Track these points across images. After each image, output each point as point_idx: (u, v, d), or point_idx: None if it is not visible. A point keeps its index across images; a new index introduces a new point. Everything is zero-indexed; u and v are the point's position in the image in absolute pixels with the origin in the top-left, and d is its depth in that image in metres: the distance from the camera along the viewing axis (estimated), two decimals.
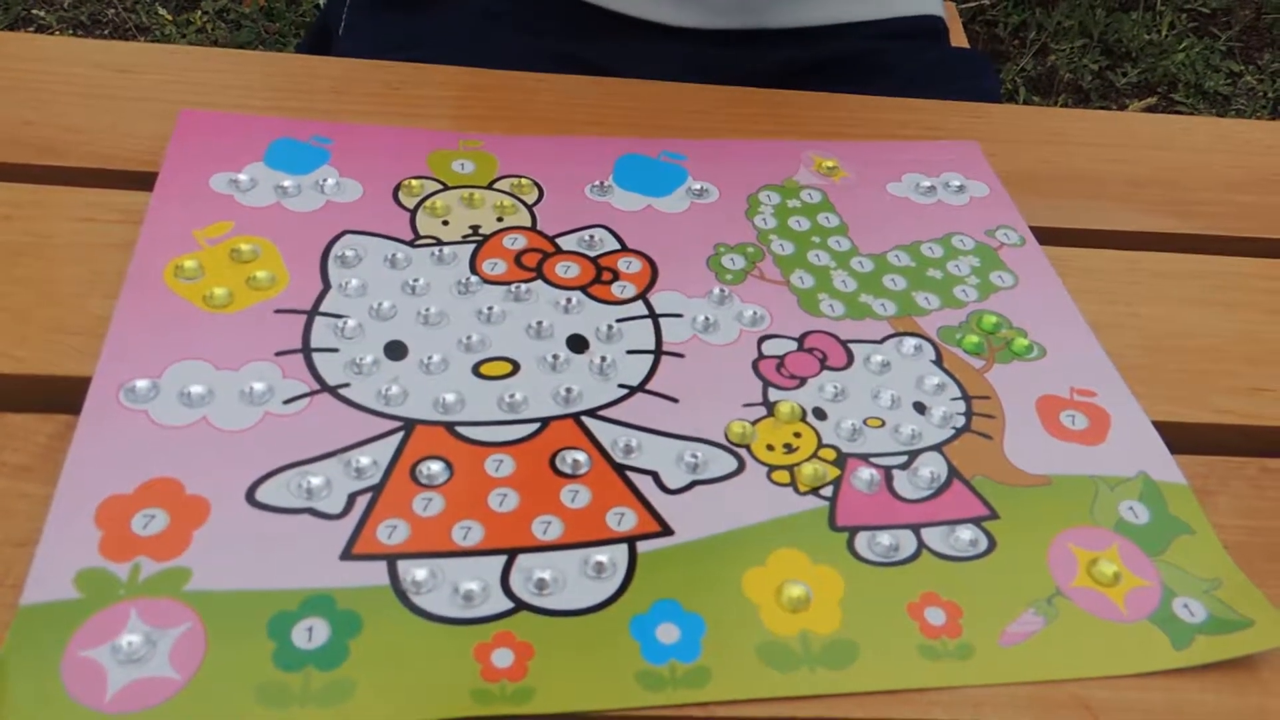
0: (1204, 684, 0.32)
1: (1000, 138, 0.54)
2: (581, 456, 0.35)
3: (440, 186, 0.45)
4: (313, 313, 0.39)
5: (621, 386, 0.38)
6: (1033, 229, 0.48)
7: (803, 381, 0.39)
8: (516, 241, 0.43)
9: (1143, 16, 2.04)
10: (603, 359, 0.39)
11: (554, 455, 0.35)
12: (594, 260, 0.43)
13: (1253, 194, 0.53)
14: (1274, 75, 1.97)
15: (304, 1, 1.82)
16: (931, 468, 0.37)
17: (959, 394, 0.40)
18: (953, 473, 0.37)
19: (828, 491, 0.36)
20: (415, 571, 0.32)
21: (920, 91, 0.56)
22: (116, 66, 0.49)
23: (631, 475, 0.35)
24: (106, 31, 1.74)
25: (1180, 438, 0.39)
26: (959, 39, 0.87)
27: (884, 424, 0.38)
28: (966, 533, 0.35)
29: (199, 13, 1.78)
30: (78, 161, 0.44)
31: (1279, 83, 1.95)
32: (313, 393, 0.36)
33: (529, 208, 0.45)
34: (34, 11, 1.75)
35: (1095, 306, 0.45)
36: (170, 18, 1.76)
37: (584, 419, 0.37)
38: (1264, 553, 0.36)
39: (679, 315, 0.41)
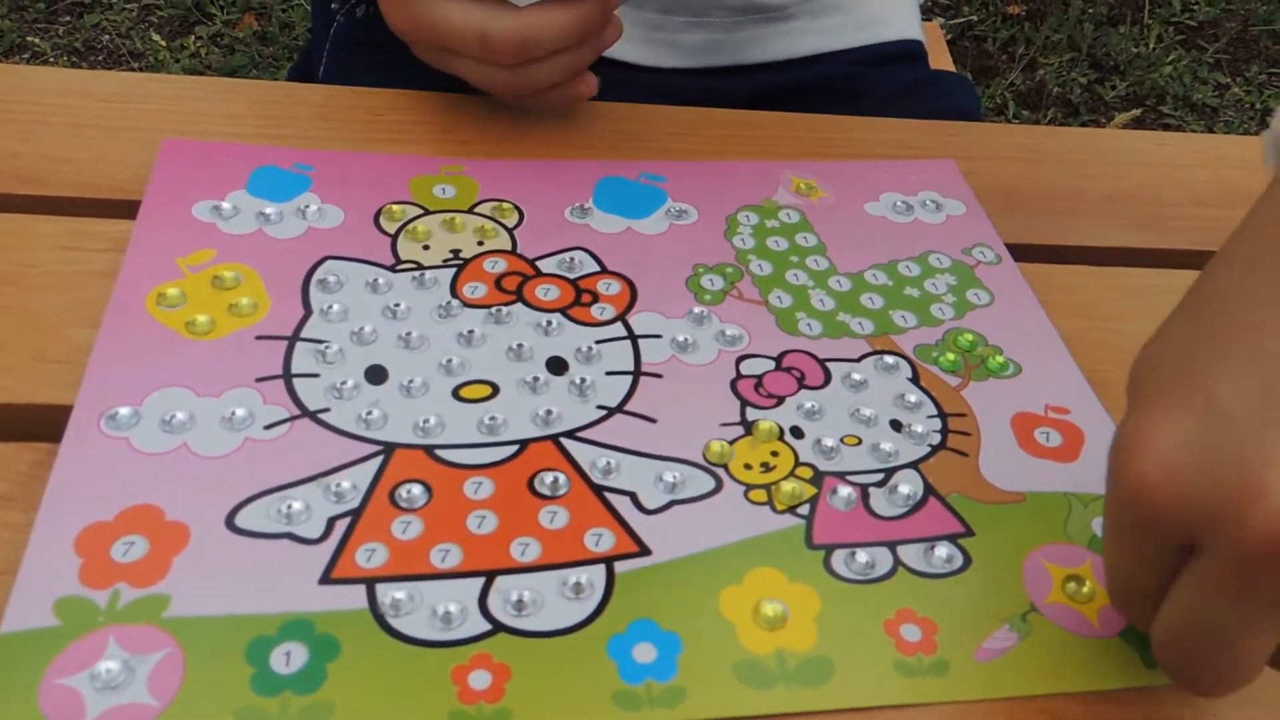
0: (1176, 694, 0.33)
1: (976, 155, 0.54)
2: (560, 478, 0.36)
3: (421, 211, 0.45)
4: (294, 338, 0.39)
5: (600, 408, 0.39)
6: (1009, 245, 0.48)
7: (780, 400, 0.40)
8: (497, 265, 0.44)
9: (1130, 30, 2.06)
10: (582, 380, 0.39)
11: (533, 477, 0.36)
12: (574, 282, 0.43)
13: (1228, 208, 0.54)
14: (1261, 87, 1.99)
15: (297, 26, 1.83)
16: (908, 485, 0.37)
17: (935, 412, 0.40)
18: (929, 490, 0.37)
19: (805, 510, 0.36)
20: (393, 594, 0.32)
21: (899, 113, 0.57)
22: (102, 96, 0.49)
23: (610, 496, 0.36)
24: (101, 57, 1.75)
25: None
26: (942, 60, 0.88)
27: (861, 442, 0.39)
28: (942, 550, 0.35)
29: (193, 38, 1.79)
30: (62, 191, 0.44)
31: (1266, 94, 1.96)
32: (293, 418, 0.36)
33: (509, 231, 0.45)
34: (29, 39, 1.76)
35: (1072, 322, 0.45)
36: (164, 43, 1.78)
37: (563, 440, 0.37)
38: None
39: (658, 336, 0.42)
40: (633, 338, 0.41)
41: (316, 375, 0.38)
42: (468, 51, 0.46)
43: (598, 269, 0.44)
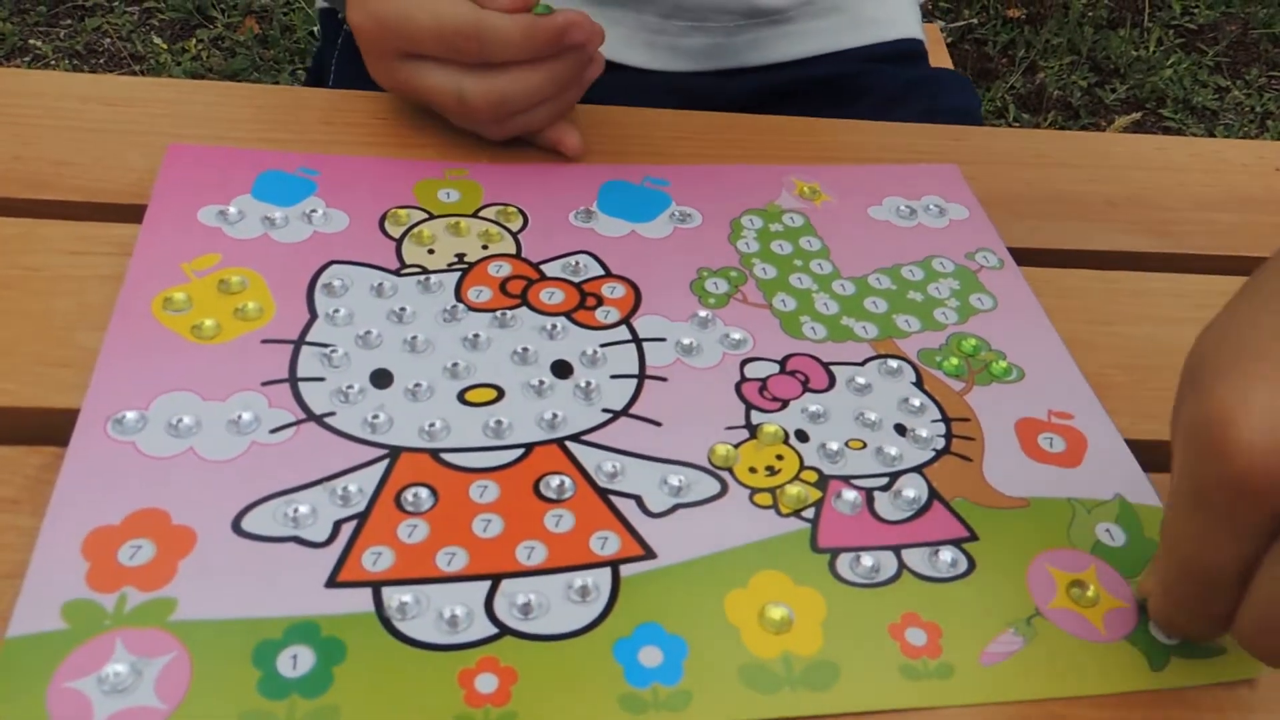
0: (1182, 700, 0.33)
1: (979, 159, 0.54)
2: (566, 481, 0.36)
3: (426, 215, 0.46)
4: (299, 342, 0.39)
5: (605, 411, 0.39)
6: (1012, 249, 0.49)
7: (785, 404, 0.40)
8: (501, 269, 0.44)
9: (1131, 33, 2.06)
10: (587, 384, 0.39)
11: (538, 480, 0.36)
12: (578, 286, 0.43)
13: (1229, 212, 0.54)
14: (1261, 90, 1.99)
15: (298, 29, 1.83)
16: (912, 489, 0.37)
17: (939, 416, 0.40)
18: (933, 494, 0.37)
19: (810, 513, 0.36)
20: (400, 598, 0.32)
21: (900, 110, 0.57)
22: (105, 100, 0.49)
23: (615, 499, 0.36)
24: (102, 61, 1.75)
25: (1160, 456, 0.40)
26: (942, 63, 0.88)
27: (865, 446, 0.39)
28: (947, 554, 0.35)
29: (194, 41, 1.79)
30: (66, 195, 0.44)
31: (1266, 97, 1.97)
32: (299, 421, 0.37)
33: (514, 235, 0.45)
34: (30, 42, 1.76)
35: (1074, 326, 0.45)
36: (165, 46, 1.78)
37: (568, 444, 0.37)
38: None
39: (662, 339, 0.42)
40: (637, 341, 0.41)
41: (322, 379, 0.38)
42: (448, 111, 0.48)
43: (602, 273, 0.44)
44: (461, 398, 0.38)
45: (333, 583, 0.32)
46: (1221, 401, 0.28)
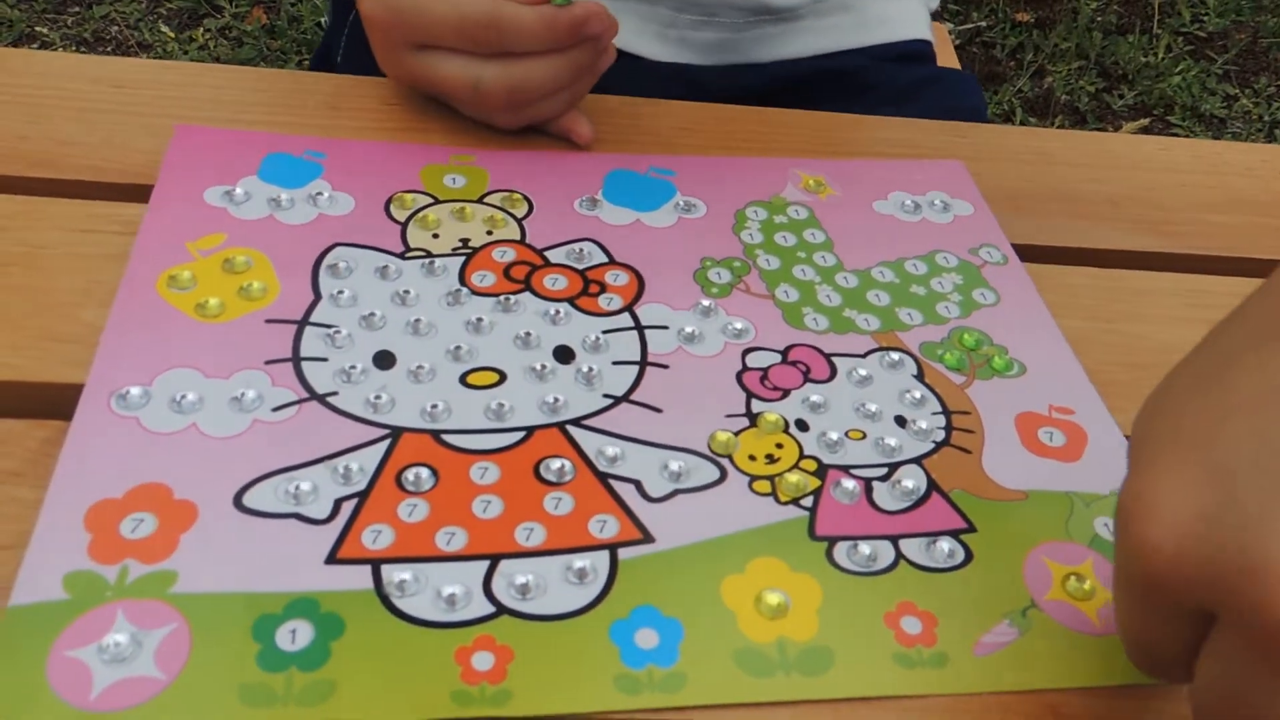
0: (1176, 691, 0.33)
1: (985, 156, 0.55)
2: (566, 464, 0.36)
3: (431, 200, 0.46)
4: (303, 322, 0.39)
5: (606, 396, 0.39)
6: (1015, 246, 0.49)
7: (786, 393, 0.40)
8: (505, 254, 0.44)
9: (1139, 39, 2.06)
10: (589, 369, 0.39)
11: (538, 463, 0.36)
12: (582, 273, 0.44)
13: (1230, 214, 0.54)
14: (1270, 99, 1.99)
15: (305, 19, 1.83)
16: (911, 480, 0.37)
17: (939, 408, 0.40)
18: (932, 486, 0.38)
19: (808, 502, 0.36)
20: (399, 575, 0.32)
21: (907, 108, 0.57)
22: (112, 81, 0.49)
23: (614, 483, 0.36)
24: (109, 49, 1.76)
25: None
26: (949, 62, 0.88)
27: (865, 436, 0.39)
28: (944, 544, 0.36)
29: (201, 30, 1.79)
30: (73, 174, 0.44)
31: (1275, 106, 1.97)
32: (301, 400, 0.37)
33: (518, 221, 0.46)
34: (37, 29, 1.76)
35: (1076, 323, 0.45)
36: (173, 35, 1.78)
37: (569, 428, 0.37)
38: None
39: (664, 327, 0.42)
40: (640, 328, 0.42)
41: (325, 359, 0.38)
42: (461, 101, 0.48)
43: (606, 260, 0.44)
44: (463, 380, 0.39)
45: (332, 559, 0.32)
46: (1138, 495, 0.27)
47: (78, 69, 0.50)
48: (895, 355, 0.42)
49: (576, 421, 0.38)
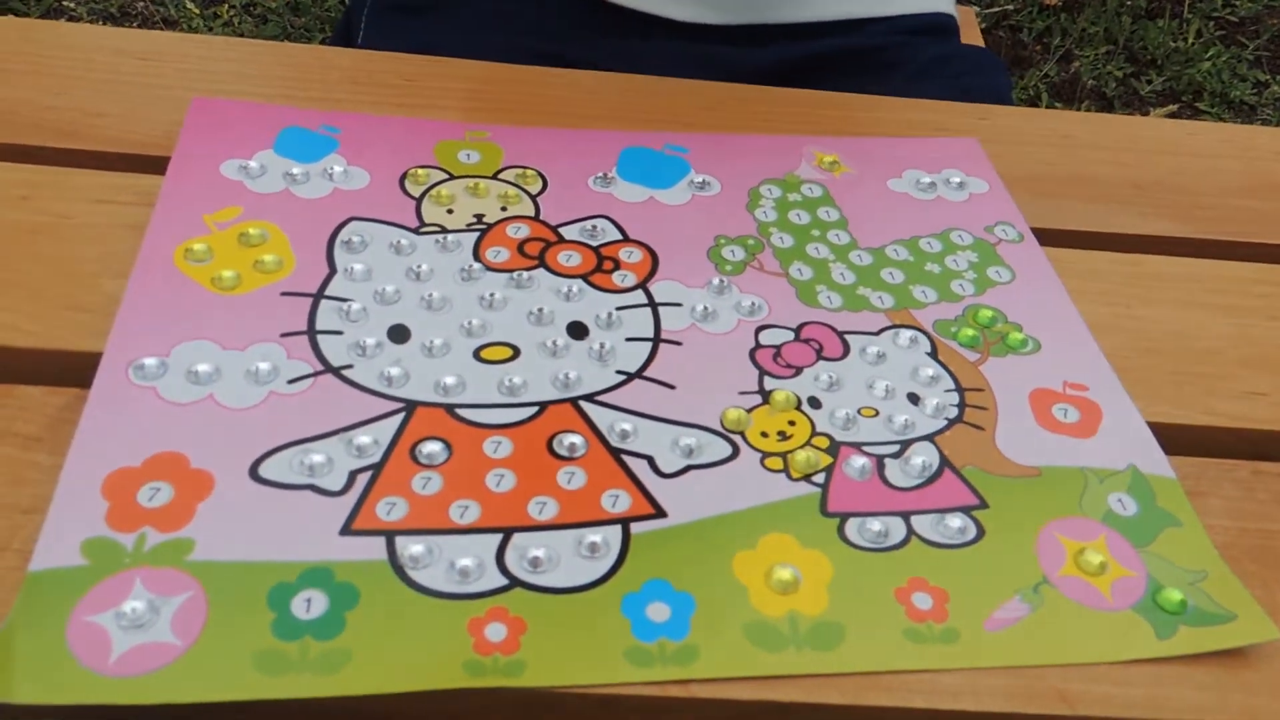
0: (1185, 678, 0.33)
1: (1005, 139, 0.54)
2: (578, 440, 0.36)
3: (446, 176, 0.46)
4: (318, 296, 0.40)
5: (620, 373, 0.39)
6: (1035, 230, 0.48)
7: (799, 371, 0.40)
8: (520, 230, 0.44)
9: (1169, 24, 2.03)
10: (602, 345, 0.39)
11: (551, 438, 0.36)
12: (595, 250, 0.44)
13: (1256, 199, 0.54)
14: None
15: None
16: (923, 457, 0.37)
17: (953, 386, 0.40)
18: (944, 462, 0.37)
19: (820, 478, 0.36)
20: (412, 547, 0.32)
21: (928, 87, 0.57)
22: (137, 54, 0.50)
23: (627, 459, 0.36)
24: (135, 23, 1.76)
25: (1174, 439, 0.40)
26: (973, 41, 0.87)
27: (878, 414, 0.39)
28: (956, 521, 0.36)
29: (226, 6, 1.80)
30: (96, 145, 0.45)
31: None
32: (316, 373, 0.37)
33: (533, 198, 0.46)
34: (64, 3, 1.77)
35: (1095, 307, 0.45)
36: (197, 11, 1.78)
37: (582, 403, 0.38)
38: (1251, 554, 0.37)
39: (678, 304, 0.42)
40: (653, 305, 0.42)
41: (340, 333, 0.39)
42: None
43: (620, 237, 0.44)
44: (477, 355, 0.39)
45: (347, 530, 0.33)
46: None
47: (103, 41, 0.51)
48: (909, 333, 0.42)
49: (589, 397, 0.38)
